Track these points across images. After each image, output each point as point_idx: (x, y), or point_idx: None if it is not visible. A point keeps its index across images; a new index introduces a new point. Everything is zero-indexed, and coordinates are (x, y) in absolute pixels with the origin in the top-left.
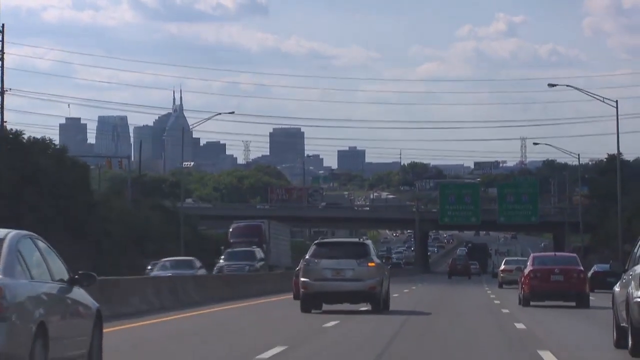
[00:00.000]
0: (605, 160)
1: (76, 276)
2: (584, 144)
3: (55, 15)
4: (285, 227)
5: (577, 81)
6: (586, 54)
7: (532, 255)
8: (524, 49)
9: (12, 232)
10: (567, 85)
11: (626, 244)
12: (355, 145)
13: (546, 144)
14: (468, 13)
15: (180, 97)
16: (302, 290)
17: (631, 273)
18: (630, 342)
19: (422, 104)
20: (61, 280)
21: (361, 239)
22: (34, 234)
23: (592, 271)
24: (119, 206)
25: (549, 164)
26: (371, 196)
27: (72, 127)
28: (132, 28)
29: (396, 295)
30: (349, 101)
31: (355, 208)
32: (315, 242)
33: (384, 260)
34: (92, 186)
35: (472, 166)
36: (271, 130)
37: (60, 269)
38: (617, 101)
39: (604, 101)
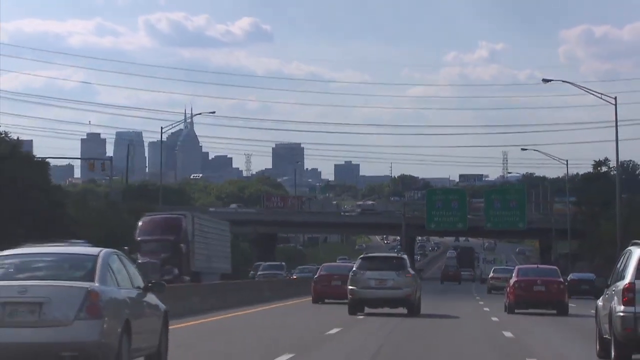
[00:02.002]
0: (592, 165)
1: (150, 284)
2: (565, 154)
3: (79, 40)
4: (222, 224)
5: (554, 103)
6: (561, 79)
7: (517, 267)
8: (505, 74)
9: (103, 250)
10: (563, 81)
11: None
12: (350, 160)
13: (534, 150)
14: (454, 41)
15: (191, 115)
16: (349, 296)
17: (614, 289)
18: (613, 354)
19: (412, 122)
20: (138, 288)
21: (399, 254)
22: (117, 250)
23: (568, 279)
24: (92, 208)
25: (528, 177)
26: (357, 203)
27: (93, 141)
28: (148, 52)
29: None
30: (345, 120)
31: (346, 214)
32: (361, 256)
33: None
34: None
35: (457, 179)
36: (273, 146)
37: (137, 278)
38: (615, 97)
39: (602, 97)
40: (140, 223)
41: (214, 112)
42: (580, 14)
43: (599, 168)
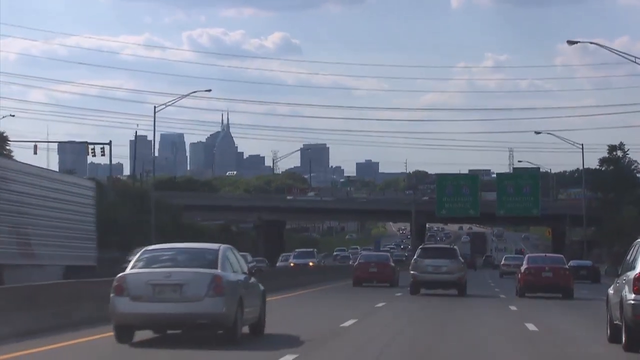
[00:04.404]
0: (607, 150)
1: (253, 271)
2: (557, 157)
3: (130, 53)
4: (66, 182)
5: (550, 111)
6: (558, 87)
7: (527, 255)
8: (508, 82)
9: (222, 245)
10: (591, 42)
11: None
12: (370, 159)
13: (548, 133)
14: (463, 53)
15: (228, 119)
16: (411, 279)
17: (624, 278)
18: (624, 339)
19: (425, 125)
20: (244, 273)
21: (451, 245)
22: (230, 245)
23: (568, 265)
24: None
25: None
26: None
27: (140, 142)
28: (191, 64)
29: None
30: (366, 123)
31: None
32: (420, 247)
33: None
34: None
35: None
36: (302, 146)
37: (244, 266)
38: None
39: (635, 61)
40: None
41: (210, 90)
42: (575, 29)
43: (614, 152)
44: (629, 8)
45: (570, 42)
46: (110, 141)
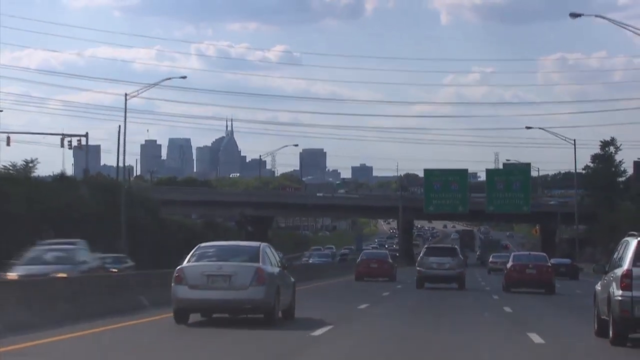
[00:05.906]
0: (600, 145)
1: (285, 265)
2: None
3: (142, 65)
4: None
5: (533, 119)
6: (539, 98)
7: (512, 254)
8: (493, 93)
9: (261, 243)
10: (596, 16)
11: None
12: (365, 163)
13: (539, 128)
14: (451, 65)
15: (232, 125)
16: (417, 275)
17: (612, 275)
18: (611, 333)
19: (416, 132)
20: (279, 266)
21: (452, 245)
22: (267, 243)
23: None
24: (31, 183)
25: None
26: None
27: (150, 146)
28: (198, 74)
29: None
30: (361, 130)
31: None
32: (426, 246)
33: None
34: None
35: None
36: (301, 151)
37: (278, 260)
38: None
39: None
40: None
41: (185, 77)
42: (556, 44)
43: (606, 148)
44: (606, 26)
45: (573, 15)
46: (87, 133)
